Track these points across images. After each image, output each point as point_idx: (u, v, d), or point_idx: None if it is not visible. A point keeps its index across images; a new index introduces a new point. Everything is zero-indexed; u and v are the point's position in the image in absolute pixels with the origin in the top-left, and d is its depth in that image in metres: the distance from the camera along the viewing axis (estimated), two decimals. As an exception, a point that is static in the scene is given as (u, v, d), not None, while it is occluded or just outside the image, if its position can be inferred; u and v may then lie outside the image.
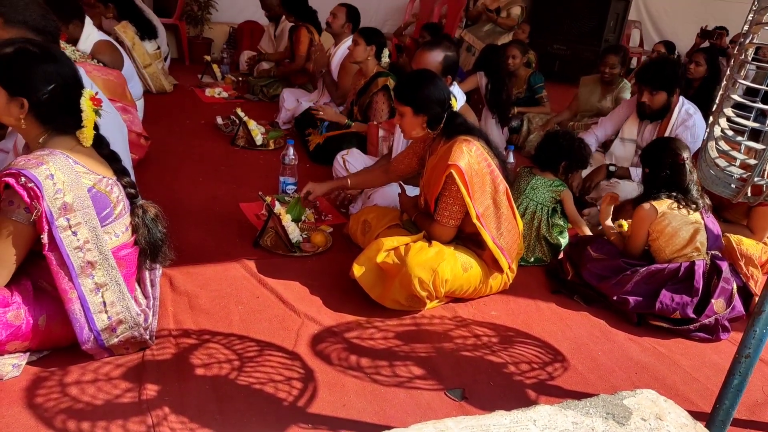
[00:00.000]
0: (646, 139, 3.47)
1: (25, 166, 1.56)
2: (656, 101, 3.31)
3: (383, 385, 1.85)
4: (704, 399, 1.95)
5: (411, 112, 2.34)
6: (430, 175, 2.37)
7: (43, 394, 1.65)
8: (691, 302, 2.31)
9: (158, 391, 1.70)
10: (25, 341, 1.70)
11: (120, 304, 1.74)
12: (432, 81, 2.36)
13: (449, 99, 2.35)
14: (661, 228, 2.41)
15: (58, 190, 1.58)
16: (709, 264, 2.40)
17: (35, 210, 1.56)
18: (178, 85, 5.26)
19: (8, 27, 2.14)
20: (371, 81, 3.70)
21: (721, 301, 2.33)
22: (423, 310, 2.28)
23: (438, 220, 2.32)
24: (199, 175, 3.39)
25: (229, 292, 2.26)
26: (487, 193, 2.28)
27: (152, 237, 1.84)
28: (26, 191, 1.55)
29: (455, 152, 2.22)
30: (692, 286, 2.33)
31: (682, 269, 2.36)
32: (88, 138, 1.70)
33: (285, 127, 4.42)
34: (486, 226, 2.27)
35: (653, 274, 2.38)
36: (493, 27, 6.38)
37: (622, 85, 4.49)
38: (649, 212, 2.42)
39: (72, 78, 1.69)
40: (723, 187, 1.19)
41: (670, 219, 2.40)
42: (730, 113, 1.15)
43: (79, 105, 1.67)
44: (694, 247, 2.40)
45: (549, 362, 2.08)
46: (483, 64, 4.49)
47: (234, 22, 6.63)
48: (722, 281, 2.34)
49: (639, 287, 2.38)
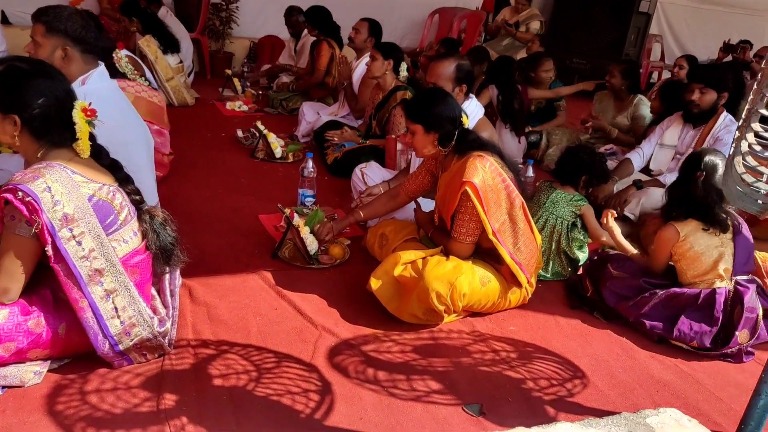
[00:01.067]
0: (686, 143, 3.43)
1: (22, 181, 1.58)
2: (705, 100, 3.26)
3: (400, 399, 1.84)
4: (728, 419, 1.91)
5: (422, 129, 2.35)
6: (445, 192, 2.37)
7: (63, 401, 1.67)
8: (710, 332, 2.24)
9: (176, 401, 1.71)
10: (45, 349, 1.73)
11: (131, 308, 1.75)
12: (442, 99, 2.37)
13: (460, 116, 2.36)
14: (683, 251, 2.34)
15: (56, 202, 1.60)
16: (732, 291, 2.30)
17: (35, 223, 1.58)
18: (199, 98, 5.34)
19: (49, 36, 2.21)
20: (390, 95, 3.72)
21: (745, 332, 2.24)
22: (440, 324, 2.27)
23: (455, 237, 2.31)
24: (220, 187, 3.43)
25: (247, 303, 2.27)
26: (502, 209, 2.27)
27: (162, 241, 1.85)
28: (25, 205, 1.56)
29: (469, 169, 2.22)
30: (712, 315, 2.25)
31: (702, 296, 2.28)
32: (85, 149, 1.72)
33: (304, 140, 4.46)
34: (503, 242, 2.25)
35: (672, 298, 2.32)
36: (512, 41, 6.40)
37: (637, 101, 4.40)
38: (671, 235, 2.35)
39: (63, 92, 1.70)
40: (749, 203, 1.17)
41: (692, 242, 2.32)
42: (757, 128, 1.13)
43: (72, 118, 1.68)
44: (716, 273, 2.31)
45: (568, 378, 2.05)
46: (492, 76, 4.48)
47: (255, 37, 6.73)
48: (746, 311, 2.24)
49: (657, 310, 2.32)
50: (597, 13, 7.59)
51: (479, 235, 2.30)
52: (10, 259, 1.63)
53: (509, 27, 6.46)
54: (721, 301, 2.27)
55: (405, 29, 7.53)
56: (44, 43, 2.20)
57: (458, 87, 2.93)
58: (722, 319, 2.25)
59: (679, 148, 3.48)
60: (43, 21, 2.20)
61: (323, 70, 4.99)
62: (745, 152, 1.16)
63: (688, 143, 3.43)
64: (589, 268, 2.67)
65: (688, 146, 3.42)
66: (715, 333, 2.25)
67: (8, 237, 1.62)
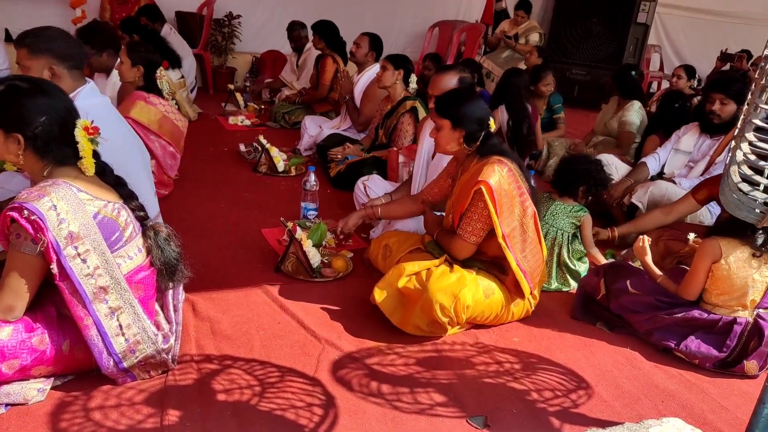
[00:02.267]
0: (703, 151, 3.42)
1: (27, 199, 1.59)
2: (726, 111, 3.26)
3: (404, 412, 1.83)
4: (734, 428, 1.89)
5: (449, 125, 2.35)
6: (460, 192, 2.37)
7: (67, 418, 1.67)
8: (715, 358, 2.19)
9: (180, 417, 1.71)
10: (49, 366, 1.73)
11: (136, 326, 1.76)
12: (474, 99, 2.39)
13: (488, 119, 2.37)
14: (718, 273, 2.22)
15: (62, 220, 1.60)
16: (751, 323, 2.21)
17: (41, 241, 1.58)
18: (202, 113, 5.38)
19: (34, 57, 2.21)
20: (398, 105, 3.77)
21: (754, 363, 2.18)
22: (444, 336, 2.27)
23: (460, 234, 2.31)
24: (222, 201, 3.45)
25: (250, 318, 2.27)
26: (515, 215, 2.27)
27: (166, 257, 1.86)
28: (30, 224, 1.57)
29: (486, 170, 2.23)
30: (724, 342, 2.19)
31: (720, 323, 2.21)
32: (89, 167, 1.73)
33: (306, 154, 4.49)
34: (511, 247, 2.25)
35: (689, 320, 2.25)
36: (511, 53, 6.45)
37: (627, 106, 4.43)
38: (713, 250, 2.20)
39: (65, 110, 1.71)
40: (747, 212, 1.18)
41: (731, 264, 2.18)
42: (752, 138, 1.15)
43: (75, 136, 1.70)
44: (742, 302, 2.21)
45: (573, 389, 2.05)
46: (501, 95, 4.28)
47: (257, 52, 6.80)
48: (763, 345, 2.16)
49: (672, 328, 2.29)
50: (595, 25, 7.65)
51: (484, 238, 2.30)
52: (15, 277, 1.64)
53: (509, 39, 6.51)
54: (738, 331, 2.20)
55: (405, 42, 7.59)
56: (30, 65, 2.20)
57: None
58: (733, 348, 2.20)
59: (694, 155, 3.47)
60: (25, 44, 2.21)
61: (327, 86, 5.03)
62: (740, 161, 1.17)
63: (704, 152, 3.42)
64: (607, 269, 2.58)
65: (704, 155, 3.41)
66: (722, 359, 2.20)
67: (13, 255, 1.63)
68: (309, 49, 5.67)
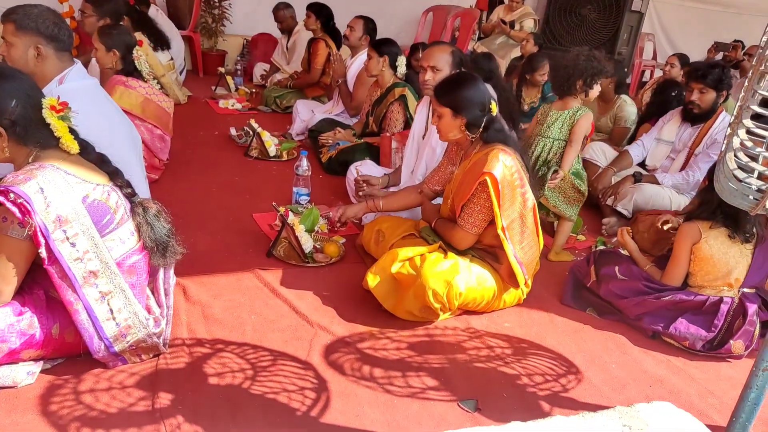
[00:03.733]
0: (684, 141, 3.45)
1: (13, 183, 1.56)
2: (705, 100, 3.28)
3: (396, 396, 1.84)
4: (720, 413, 1.92)
5: (450, 113, 2.31)
6: (462, 181, 2.34)
7: (57, 401, 1.66)
8: (705, 337, 2.23)
9: (172, 400, 1.71)
10: (39, 349, 1.72)
11: (127, 310, 1.74)
12: (473, 83, 2.33)
13: (490, 103, 2.31)
14: (700, 254, 2.30)
15: (49, 204, 1.58)
16: (737, 302, 2.27)
17: (28, 225, 1.56)
18: (192, 96, 5.32)
19: (20, 33, 2.16)
20: (387, 92, 3.72)
21: (740, 343, 2.23)
22: (436, 321, 2.28)
23: (461, 225, 2.30)
24: (213, 186, 3.42)
25: (242, 302, 2.27)
26: (516, 206, 2.26)
27: (157, 234, 1.83)
28: (17, 207, 1.55)
29: (491, 161, 2.20)
30: (712, 322, 2.24)
31: (707, 303, 2.26)
32: (71, 146, 1.69)
33: (298, 139, 4.45)
34: (509, 239, 2.25)
35: (678, 303, 2.30)
36: (506, 40, 6.41)
37: (620, 103, 4.34)
38: (692, 232, 2.30)
39: (31, 89, 1.67)
40: (741, 199, 1.18)
41: (711, 246, 2.28)
42: (749, 124, 1.15)
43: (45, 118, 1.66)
44: (727, 281, 2.28)
45: (563, 374, 2.07)
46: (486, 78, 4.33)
47: (247, 35, 6.71)
48: (747, 323, 2.22)
49: (660, 311, 2.32)
50: (590, 12, 7.61)
51: (485, 227, 2.30)
52: (3, 261, 1.61)
53: (503, 25, 6.47)
54: (725, 311, 2.24)
55: (398, 27, 7.53)
56: (16, 42, 2.16)
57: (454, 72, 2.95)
58: (720, 327, 2.24)
59: (676, 145, 3.50)
60: (12, 19, 2.16)
61: (320, 69, 4.98)
62: (736, 149, 1.17)
63: (685, 141, 3.45)
64: (597, 257, 2.63)
65: (685, 144, 3.44)
66: (710, 338, 2.24)
67: (1, 239, 1.61)
68: (298, 31, 5.60)
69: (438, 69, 2.91)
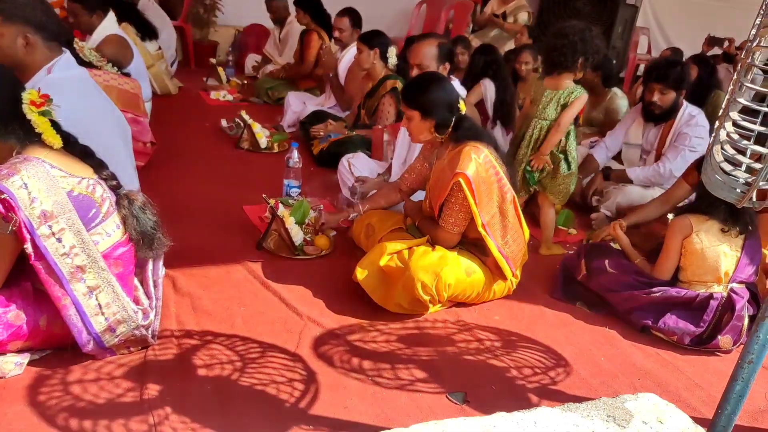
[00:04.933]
0: (650, 141, 3.45)
1: None
2: (666, 100, 3.24)
3: (385, 388, 1.85)
4: (707, 406, 1.94)
5: (418, 116, 2.32)
6: (437, 180, 2.36)
7: (45, 392, 1.66)
8: (693, 332, 2.24)
9: (160, 391, 1.70)
10: (26, 341, 1.70)
11: (115, 305, 1.73)
12: (440, 84, 2.33)
13: (458, 102, 2.32)
14: (691, 248, 2.30)
15: (34, 199, 1.55)
16: (725, 298, 2.28)
17: (12, 220, 1.54)
18: (183, 87, 5.28)
19: (8, 24, 2.12)
20: (379, 84, 3.71)
21: (728, 338, 2.24)
22: (426, 314, 2.28)
23: (443, 226, 2.31)
24: (203, 178, 3.40)
25: (232, 294, 2.26)
26: (493, 201, 2.27)
27: (142, 226, 1.81)
28: (0, 203, 1.52)
29: (463, 160, 2.20)
30: (701, 318, 2.25)
31: (697, 300, 2.27)
32: (54, 141, 1.66)
33: (290, 131, 4.43)
34: (491, 234, 2.26)
35: (668, 299, 2.30)
36: (499, 32, 6.39)
37: (611, 95, 4.31)
38: (684, 225, 2.31)
39: (10, 83, 1.64)
40: (728, 191, 1.19)
41: (702, 239, 2.28)
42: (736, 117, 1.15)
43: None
44: (717, 276, 2.28)
45: (552, 367, 2.07)
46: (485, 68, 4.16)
47: (239, 26, 6.66)
48: (735, 319, 2.23)
49: (650, 307, 2.33)
50: (584, 5, 7.60)
51: (467, 225, 2.31)
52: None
53: (496, 18, 6.45)
54: (714, 306, 2.25)
55: (392, 19, 7.49)
56: (3, 32, 2.12)
57: (442, 66, 2.94)
58: (709, 323, 2.25)
59: (645, 146, 3.50)
60: (0, 9, 2.12)
61: (312, 62, 4.95)
62: (723, 141, 1.17)
63: (651, 141, 3.44)
64: (588, 251, 2.63)
65: (652, 144, 3.44)
66: (698, 334, 2.25)
67: None
68: (291, 22, 5.56)
69: (425, 66, 2.90)
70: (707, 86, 4.40)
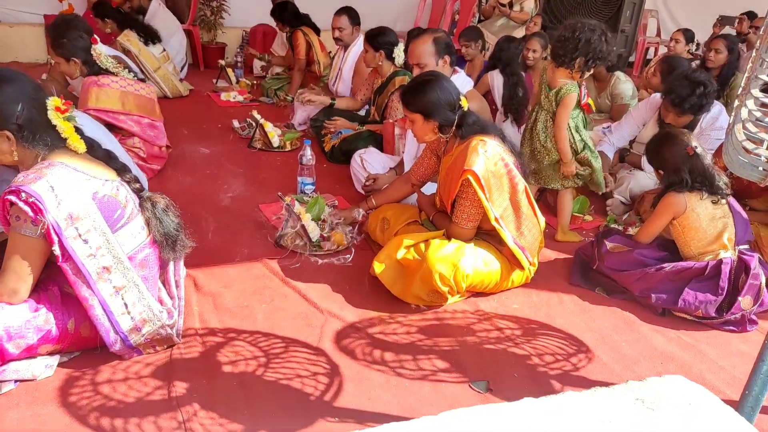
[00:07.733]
0: None
1: (24, 182, 1.57)
2: (681, 122, 3.09)
3: (408, 379, 1.86)
4: (732, 388, 1.93)
5: (421, 118, 2.32)
6: (446, 176, 2.36)
7: (76, 393, 1.69)
8: (715, 301, 2.25)
9: (187, 389, 1.73)
10: (55, 344, 1.74)
11: (141, 304, 1.76)
12: (438, 84, 2.31)
13: (459, 99, 2.31)
14: (688, 223, 2.36)
15: (60, 201, 1.59)
16: (736, 261, 2.32)
17: (41, 223, 1.57)
18: (193, 90, 5.32)
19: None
20: (388, 81, 3.71)
21: (748, 299, 2.26)
22: (445, 304, 2.29)
23: (456, 222, 2.31)
24: (218, 178, 3.43)
25: (252, 291, 2.28)
26: (505, 194, 2.27)
27: (166, 228, 1.84)
28: (29, 206, 1.56)
29: (471, 156, 2.20)
30: (717, 285, 2.26)
31: (708, 268, 2.29)
32: (78, 146, 1.70)
33: (301, 128, 4.45)
34: (505, 227, 2.26)
35: (679, 272, 2.33)
36: (506, 22, 6.35)
37: (614, 80, 4.28)
38: (678, 201, 2.36)
39: (34, 91, 1.66)
40: (750, 170, 1.18)
41: (698, 213, 2.34)
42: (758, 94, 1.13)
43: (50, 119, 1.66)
44: (721, 243, 2.34)
45: (573, 353, 2.08)
46: (496, 60, 4.23)
47: (246, 26, 6.68)
48: (751, 278, 2.25)
49: (664, 284, 2.33)
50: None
51: (480, 219, 2.31)
52: (18, 260, 1.63)
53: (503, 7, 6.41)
54: (727, 271, 2.28)
55: (398, 11, 7.47)
56: None
57: (441, 60, 2.92)
58: (727, 288, 2.27)
59: None
60: None
61: (303, 59, 5.00)
62: (745, 119, 1.16)
63: None
64: (599, 238, 2.61)
65: None
66: (720, 301, 2.27)
67: (15, 238, 1.63)
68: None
69: (423, 64, 2.89)
70: (734, 69, 4.31)
